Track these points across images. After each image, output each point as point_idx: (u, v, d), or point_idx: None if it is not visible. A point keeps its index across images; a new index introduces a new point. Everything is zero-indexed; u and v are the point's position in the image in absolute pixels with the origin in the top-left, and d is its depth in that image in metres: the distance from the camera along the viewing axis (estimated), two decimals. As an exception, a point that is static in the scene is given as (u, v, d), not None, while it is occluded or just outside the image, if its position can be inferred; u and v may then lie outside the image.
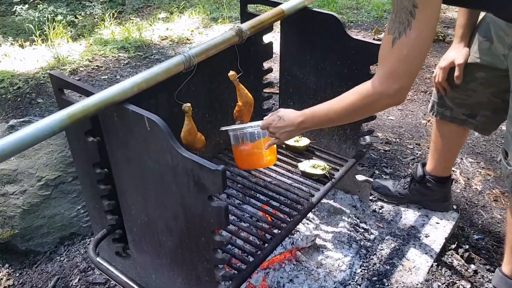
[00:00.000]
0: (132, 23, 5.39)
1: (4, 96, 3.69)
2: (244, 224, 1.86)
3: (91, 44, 4.59)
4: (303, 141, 2.15)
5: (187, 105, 1.58)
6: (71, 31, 5.70)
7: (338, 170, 2.03)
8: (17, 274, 2.06)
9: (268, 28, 2.03)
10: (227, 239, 1.33)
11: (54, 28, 4.74)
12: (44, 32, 4.75)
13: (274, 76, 3.14)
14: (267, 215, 1.89)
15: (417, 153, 2.93)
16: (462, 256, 2.12)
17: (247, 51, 2.14)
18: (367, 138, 2.09)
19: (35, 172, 2.13)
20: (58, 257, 2.12)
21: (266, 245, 1.66)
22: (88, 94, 1.40)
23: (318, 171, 1.96)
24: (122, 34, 4.81)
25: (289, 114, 1.58)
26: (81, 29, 6.16)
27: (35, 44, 4.70)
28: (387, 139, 3.09)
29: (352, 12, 5.26)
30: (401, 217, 2.25)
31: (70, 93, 1.51)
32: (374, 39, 4.41)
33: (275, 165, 2.08)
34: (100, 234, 1.74)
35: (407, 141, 3.07)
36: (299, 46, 2.11)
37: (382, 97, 1.33)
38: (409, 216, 2.26)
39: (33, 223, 2.10)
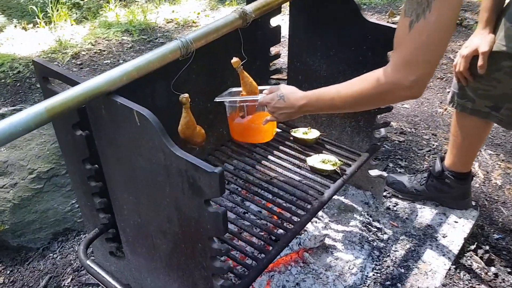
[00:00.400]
0: (138, 5, 5.22)
1: (3, 80, 3.57)
2: (247, 223, 1.72)
3: (95, 27, 4.44)
4: (313, 134, 2.00)
5: (184, 96, 1.43)
6: (76, 13, 5.54)
7: (350, 165, 1.88)
8: (8, 272, 1.95)
9: (276, 10, 1.86)
10: (226, 248, 1.19)
11: (57, 10, 4.59)
12: (48, 15, 4.60)
13: (283, 61, 2.98)
14: (272, 214, 1.74)
15: (433, 144, 2.76)
16: (481, 258, 1.97)
17: (253, 35, 1.98)
18: (382, 130, 1.93)
19: (26, 164, 2.00)
20: (51, 254, 2.01)
21: (271, 248, 1.52)
22: (73, 83, 1.25)
23: (328, 167, 1.81)
24: (127, 17, 4.65)
25: (291, 95, 1.44)
26: (86, 11, 6.00)
27: (37, 27, 4.55)
28: (401, 129, 2.92)
29: (365, -7, 5.04)
30: (417, 215, 2.10)
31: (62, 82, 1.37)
32: (388, 22, 4.21)
33: (282, 159, 1.93)
34: (92, 233, 1.61)
35: (423, 131, 2.90)
36: (309, 30, 1.94)
37: (396, 88, 1.18)
38: (426, 214, 2.11)
39: (24, 218, 1.98)
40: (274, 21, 1.98)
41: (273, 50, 2.07)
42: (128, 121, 1.18)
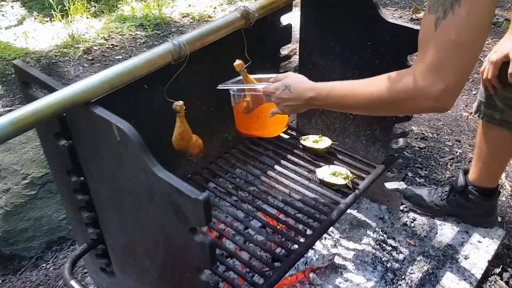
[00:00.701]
0: (154, -2, 5.10)
1: (13, 76, 3.51)
2: (248, 242, 1.58)
3: (110, 21, 4.35)
4: (324, 142, 1.84)
5: (178, 104, 1.29)
6: (94, 6, 5.46)
7: (363, 178, 1.72)
8: (0, 281, 1.86)
9: (286, 8, 1.71)
10: (215, 280, 1.05)
11: (74, 4, 4.50)
12: (64, 8, 4.52)
13: (295, 61, 2.82)
14: (276, 232, 1.60)
15: (456, 152, 2.57)
16: (507, 283, 1.80)
17: (261, 34, 1.83)
18: (401, 141, 1.76)
19: (20, 169, 1.90)
20: (44, 264, 1.91)
21: (271, 272, 1.38)
22: (50, 90, 1.13)
23: (340, 181, 1.65)
24: (143, 11, 4.54)
25: (298, 85, 1.28)
26: (104, 4, 5.92)
27: (53, 20, 4.47)
28: (422, 134, 2.74)
29: (389, -12, 4.82)
30: (436, 233, 1.92)
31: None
32: (411, 19, 4.00)
33: (289, 169, 1.78)
34: (79, 250, 1.49)
35: (446, 136, 2.71)
36: (322, 30, 1.78)
37: (421, 97, 1.00)
38: (446, 232, 1.93)
39: (17, 225, 1.88)
40: (284, 20, 1.82)
41: (284, 51, 1.91)
42: (107, 135, 1.05)
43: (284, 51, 1.93)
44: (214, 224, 1.60)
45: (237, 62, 1.50)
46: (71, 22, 4.26)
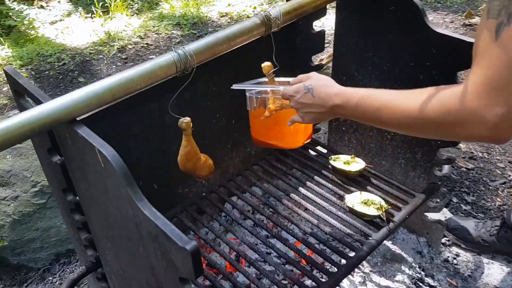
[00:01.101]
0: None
1: (47, 72, 3.49)
2: (269, 267, 1.40)
3: (148, 19, 4.28)
4: (356, 165, 1.63)
5: (184, 120, 1.13)
6: (137, 3, 5.42)
7: (399, 209, 1.50)
8: (5, 293, 1.77)
9: (319, 13, 1.51)
10: None
11: (115, 0, 4.45)
12: (106, 5, 4.48)
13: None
14: (295, 267, 1.41)
15: (509, 175, 2.29)
16: None
17: (291, 40, 1.65)
18: (446, 168, 1.53)
19: (30, 176, 1.80)
20: (51, 278, 1.80)
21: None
22: (38, 102, 0.99)
23: (372, 211, 1.45)
24: (182, 9, 4.45)
25: (322, 89, 1.06)
26: (145, 2, 5.88)
27: (94, 17, 4.44)
28: (471, 152, 2.46)
29: (441, -10, 4.50)
30: (482, 273, 1.68)
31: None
32: (464, 24, 3.68)
33: (315, 192, 1.59)
34: (77, 273, 1.36)
35: (498, 157, 2.43)
36: (359, 38, 1.57)
37: (473, 122, 0.79)
38: (494, 272, 1.68)
39: (24, 235, 1.78)
40: (317, 25, 1.63)
41: (316, 59, 1.71)
42: (92, 158, 0.90)
43: (323, 56, 1.74)
44: (226, 253, 1.43)
45: (266, 63, 1.31)
46: (111, 19, 4.22)
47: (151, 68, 0.98)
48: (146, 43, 3.89)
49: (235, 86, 1.38)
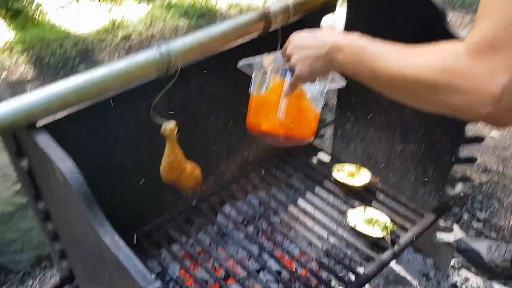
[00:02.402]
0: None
1: (48, 59, 3.38)
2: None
3: (157, 7, 4.15)
4: (361, 178, 1.50)
5: (167, 127, 1.00)
6: (148, -11, 5.29)
7: (406, 229, 1.37)
8: (-17, 294, 1.67)
9: (327, 9, 1.38)
10: None
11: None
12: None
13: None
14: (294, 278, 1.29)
15: (526, 191, 2.15)
16: None
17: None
18: (459, 186, 1.39)
19: (11, 173, 1.68)
20: (31, 282, 1.70)
21: None
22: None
23: (376, 232, 1.32)
24: (193, -3, 4.32)
25: (326, 32, 0.96)
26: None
27: (103, 2, 4.32)
28: (485, 165, 2.31)
29: (460, -11, 4.32)
30: (493, 301, 1.55)
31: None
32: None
33: (314, 206, 1.46)
34: (50, 285, 1.25)
35: (514, 171, 2.29)
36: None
37: (472, 87, 0.64)
38: (507, 300, 1.55)
39: (4, 236, 1.68)
40: (326, 22, 1.49)
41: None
42: (52, 172, 0.78)
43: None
44: (213, 272, 1.30)
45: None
46: (120, 4, 4.10)
47: (127, 68, 0.85)
48: (151, 34, 3.77)
49: (242, 63, 1.16)
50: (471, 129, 1.49)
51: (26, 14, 4.03)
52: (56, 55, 3.40)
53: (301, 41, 0.98)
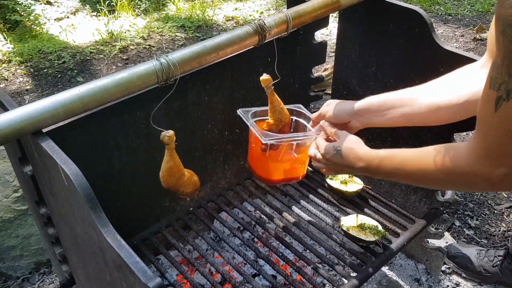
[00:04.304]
0: (202, -1, 4.92)
1: (46, 70, 3.43)
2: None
3: (154, 20, 4.21)
4: (354, 185, 1.54)
5: (167, 134, 1.04)
6: (145, 3, 5.36)
7: (398, 234, 1.41)
8: (-19, 300, 1.69)
9: (321, 22, 1.43)
10: None
11: (121, 0, 4.39)
12: (112, 4, 4.42)
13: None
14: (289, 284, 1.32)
15: (516, 199, 2.19)
16: None
17: (292, 50, 1.56)
18: (449, 193, 1.43)
19: (12, 180, 1.72)
20: (30, 287, 1.71)
21: None
22: (5, 109, 0.91)
23: (368, 236, 1.36)
24: (189, 11, 4.38)
25: (349, 151, 1.12)
26: (155, 2, 5.83)
27: (99, 15, 4.38)
28: (477, 173, 2.35)
29: (451, 3, 4.40)
30: (483, 305, 1.58)
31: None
32: (475, 39, 3.59)
33: (308, 212, 1.50)
34: (50, 289, 1.28)
35: (505, 179, 2.32)
36: (362, 52, 1.49)
37: (481, 180, 0.83)
38: (497, 305, 1.59)
39: (3, 242, 1.70)
40: (319, 36, 1.54)
41: (317, 71, 1.62)
42: (57, 175, 0.81)
43: (328, 65, 1.65)
44: (210, 276, 1.34)
45: (265, 76, 1.22)
46: (116, 18, 4.15)
47: (129, 78, 0.89)
48: (149, 45, 3.82)
49: (241, 113, 1.30)
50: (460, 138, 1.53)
51: (24, 25, 4.08)
52: (54, 66, 3.44)
53: (332, 160, 1.14)
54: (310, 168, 1.72)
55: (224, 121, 1.54)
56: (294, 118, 1.39)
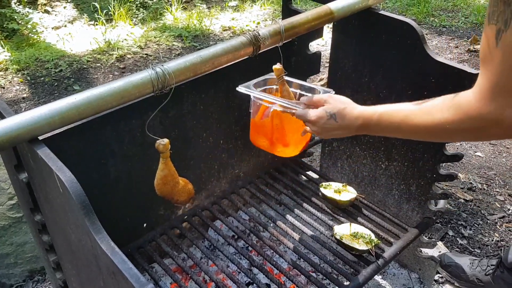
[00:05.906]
0: (199, 9, 4.96)
1: (42, 78, 3.44)
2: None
3: (151, 29, 4.24)
4: (347, 194, 1.56)
5: (162, 143, 1.05)
6: (142, 13, 5.40)
7: (390, 243, 1.42)
8: (-26, 308, 1.68)
9: (315, 33, 1.45)
10: None
11: (120, 9, 4.42)
12: (109, 12, 4.44)
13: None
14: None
15: (509, 209, 2.21)
16: None
17: (286, 60, 1.58)
18: (441, 203, 1.45)
19: (7, 188, 1.72)
20: (23, 296, 1.71)
21: None
22: (1, 117, 0.92)
23: (361, 245, 1.37)
24: (187, 21, 4.41)
25: (344, 112, 1.08)
26: (152, 12, 5.86)
27: (97, 24, 4.40)
28: (470, 183, 2.38)
29: (446, 14, 4.45)
30: (476, 315, 1.59)
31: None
32: (469, 50, 3.63)
33: (302, 221, 1.51)
34: (44, 297, 1.28)
35: (497, 189, 2.35)
36: (356, 63, 1.51)
37: (491, 124, 0.81)
38: (489, 314, 1.59)
39: (-3, 249, 1.70)
40: (314, 47, 1.56)
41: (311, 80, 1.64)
42: (52, 181, 0.82)
43: (324, 76, 1.67)
44: (204, 285, 1.34)
45: (277, 66, 1.22)
46: (113, 27, 4.17)
47: (125, 87, 0.91)
48: (146, 54, 3.84)
49: (241, 89, 1.26)
50: (451, 148, 1.54)
51: (21, 34, 4.10)
52: (51, 74, 3.45)
53: (327, 125, 1.10)
54: (304, 177, 1.73)
55: (219, 130, 1.55)
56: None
